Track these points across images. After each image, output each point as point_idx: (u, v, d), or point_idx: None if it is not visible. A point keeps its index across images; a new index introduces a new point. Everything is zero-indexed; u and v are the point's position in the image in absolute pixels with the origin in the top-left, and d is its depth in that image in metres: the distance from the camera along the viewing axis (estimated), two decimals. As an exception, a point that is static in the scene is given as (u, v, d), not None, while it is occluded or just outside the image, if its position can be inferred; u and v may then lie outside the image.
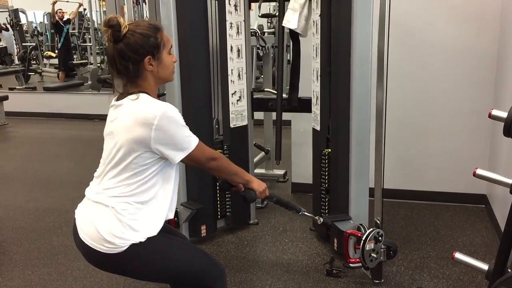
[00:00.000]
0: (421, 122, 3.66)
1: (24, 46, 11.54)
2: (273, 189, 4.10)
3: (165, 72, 1.71)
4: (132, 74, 1.64)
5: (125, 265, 1.65)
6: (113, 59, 1.63)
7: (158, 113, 1.57)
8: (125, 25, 1.61)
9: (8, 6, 12.06)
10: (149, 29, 1.65)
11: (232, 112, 3.12)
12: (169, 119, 1.59)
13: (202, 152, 1.71)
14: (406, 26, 3.52)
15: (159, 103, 1.62)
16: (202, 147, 1.71)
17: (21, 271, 2.82)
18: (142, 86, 1.67)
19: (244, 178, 1.89)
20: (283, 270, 2.77)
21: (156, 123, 1.57)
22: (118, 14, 3.91)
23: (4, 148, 6.11)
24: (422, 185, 3.74)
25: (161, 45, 1.67)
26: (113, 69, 1.66)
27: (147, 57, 1.63)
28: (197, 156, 1.69)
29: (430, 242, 3.08)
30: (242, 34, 3.07)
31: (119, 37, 1.60)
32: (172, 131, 1.60)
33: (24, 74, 10.27)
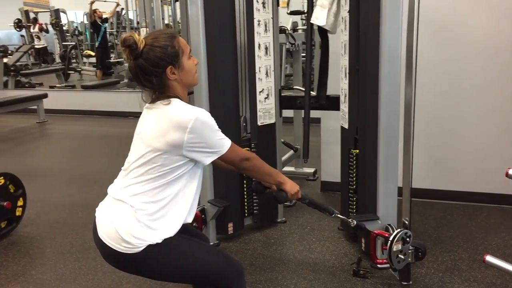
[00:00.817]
0: (454, 120, 3.56)
1: (65, 45, 11.91)
2: (302, 188, 3.99)
3: (189, 77, 1.74)
4: (158, 86, 1.68)
5: (141, 265, 1.67)
6: (136, 75, 1.68)
7: (193, 117, 1.60)
8: (141, 40, 1.64)
9: (49, 6, 12.46)
10: (165, 39, 1.67)
11: (259, 110, 3.11)
12: (202, 123, 1.62)
13: (235, 153, 1.75)
14: (439, 22, 3.43)
15: (192, 108, 1.66)
16: (235, 149, 1.75)
17: (53, 264, 2.90)
18: (171, 94, 1.70)
19: (277, 180, 1.91)
20: (309, 269, 2.75)
21: (190, 127, 1.60)
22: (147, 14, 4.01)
23: (43, 144, 6.31)
24: (455, 185, 3.63)
25: (180, 52, 1.68)
26: (139, 84, 1.70)
27: (169, 68, 1.66)
28: (230, 157, 1.74)
29: (462, 244, 2.99)
30: (270, 32, 3.06)
31: (138, 54, 1.63)
32: (205, 134, 1.64)
33: (64, 73, 10.60)
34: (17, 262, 2.94)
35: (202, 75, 2.86)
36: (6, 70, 8.78)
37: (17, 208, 3.30)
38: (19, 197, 3.32)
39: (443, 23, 3.43)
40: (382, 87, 2.54)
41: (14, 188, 3.31)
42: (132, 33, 1.66)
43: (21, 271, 2.84)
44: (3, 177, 3.20)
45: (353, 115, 2.85)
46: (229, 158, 1.73)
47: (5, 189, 3.22)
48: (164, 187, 1.66)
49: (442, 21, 3.42)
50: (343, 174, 3.08)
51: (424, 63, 3.46)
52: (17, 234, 3.32)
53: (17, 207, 3.31)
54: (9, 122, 7.36)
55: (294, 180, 1.99)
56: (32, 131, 7.00)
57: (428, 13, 3.44)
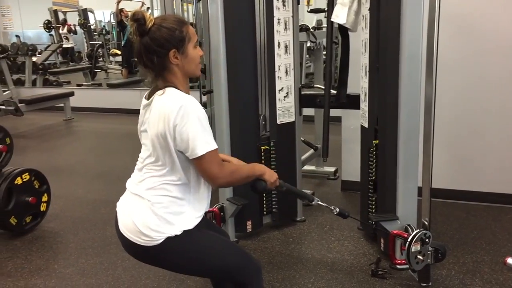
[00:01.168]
0: (477, 119, 3.49)
1: (92, 44, 12.12)
2: (323, 187, 4.06)
3: (191, 66, 1.70)
4: (158, 67, 1.65)
5: (161, 257, 1.69)
6: (139, 53, 1.65)
7: (176, 107, 1.57)
8: (151, 19, 1.63)
9: (78, 6, 12.69)
10: (175, 23, 1.66)
11: (279, 108, 3.11)
12: (186, 112, 1.57)
13: (210, 161, 1.61)
14: (462, 18, 3.37)
15: (180, 97, 1.61)
16: (212, 157, 1.61)
17: (76, 259, 2.96)
18: (169, 80, 1.67)
19: (256, 174, 1.80)
20: (327, 268, 2.74)
21: (175, 115, 1.57)
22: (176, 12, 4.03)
23: (68, 141, 6.44)
24: (479, 186, 3.56)
25: (186, 38, 1.66)
26: (140, 63, 1.68)
27: (172, 51, 1.63)
28: (203, 165, 1.61)
29: (485, 245, 2.93)
30: (290, 30, 3.05)
31: (144, 31, 1.62)
32: (187, 124, 1.57)
33: (91, 71, 10.77)
34: (40, 256, 3.01)
35: (222, 73, 2.88)
36: (35, 68, 8.98)
37: (41, 204, 3.38)
38: (43, 192, 3.40)
39: (466, 19, 3.36)
40: (402, 85, 2.51)
41: (39, 184, 3.39)
42: (143, 11, 1.66)
43: (44, 265, 2.91)
44: (28, 173, 3.28)
45: (373, 114, 2.83)
46: (203, 165, 1.62)
47: (30, 184, 3.30)
48: (177, 180, 1.66)
49: (465, 17, 3.36)
50: (362, 173, 3.06)
51: (446, 60, 3.42)
52: (41, 229, 3.40)
53: (42, 203, 3.39)
54: (36, 120, 7.53)
55: (314, 179, 1.96)
56: (59, 128, 7.15)
57: (451, 9, 3.38)
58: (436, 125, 3.49)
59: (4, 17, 14.34)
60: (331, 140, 3.65)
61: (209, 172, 1.63)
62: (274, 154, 3.13)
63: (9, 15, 14.32)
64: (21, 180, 3.22)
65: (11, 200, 3.17)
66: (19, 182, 3.21)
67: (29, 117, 7.43)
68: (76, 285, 2.67)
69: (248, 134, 3.03)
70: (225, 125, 2.94)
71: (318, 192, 3.91)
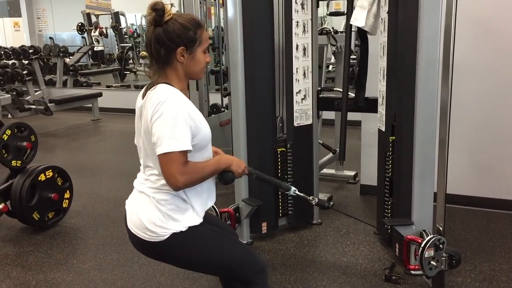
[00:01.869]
0: (501, 124, 3.41)
1: (122, 47, 12.36)
2: (342, 191, 4.04)
3: (195, 68, 1.71)
4: (163, 60, 1.67)
5: (167, 253, 1.72)
6: (149, 42, 1.67)
7: (156, 102, 1.58)
8: (170, 12, 1.65)
9: (110, 9, 12.98)
10: (191, 22, 1.68)
11: (296, 110, 3.11)
12: (162, 107, 1.57)
13: (172, 161, 1.57)
14: (486, 23, 3.32)
15: (163, 93, 1.60)
16: (175, 158, 1.56)
17: (94, 255, 3.03)
18: (169, 76, 1.68)
19: (222, 168, 1.75)
20: (340, 272, 2.73)
21: (154, 109, 1.58)
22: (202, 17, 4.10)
23: (95, 141, 6.59)
24: (502, 193, 3.48)
25: (198, 41, 1.68)
26: (148, 52, 1.70)
27: (181, 48, 1.65)
28: (164, 163, 1.58)
29: (504, 254, 2.87)
30: (308, 33, 3.06)
31: (160, 22, 1.63)
32: (161, 119, 1.57)
33: (120, 73, 10.98)
34: (60, 251, 3.09)
35: (239, 75, 2.90)
36: (66, 70, 9.21)
37: (64, 200, 3.48)
38: (66, 189, 3.50)
39: (490, 24, 3.30)
40: (419, 89, 2.49)
41: (62, 181, 3.48)
42: (165, 3, 1.67)
43: (64, 260, 2.99)
44: (52, 170, 3.38)
45: (390, 117, 2.80)
46: (163, 163, 1.59)
47: (53, 181, 3.39)
48: None
49: (489, 22, 3.30)
50: (379, 178, 3.03)
51: (470, 64, 3.39)
52: (63, 224, 3.49)
53: (64, 199, 3.48)
54: (65, 119, 7.74)
55: (334, 183, 1.95)
56: (87, 128, 7.32)
57: (476, 12, 3.34)
58: (458, 131, 3.47)
59: (40, 20, 14.76)
60: (352, 144, 3.64)
61: (168, 172, 1.58)
62: (290, 156, 3.14)
63: (44, 18, 14.74)
64: (45, 177, 3.32)
65: (35, 196, 3.27)
66: (43, 178, 3.31)
67: (59, 117, 7.64)
68: (92, 280, 2.73)
69: (264, 135, 3.05)
70: (242, 126, 2.96)
71: (336, 196, 3.90)
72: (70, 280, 2.74)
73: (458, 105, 3.40)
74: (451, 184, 3.45)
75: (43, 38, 14.43)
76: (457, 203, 3.55)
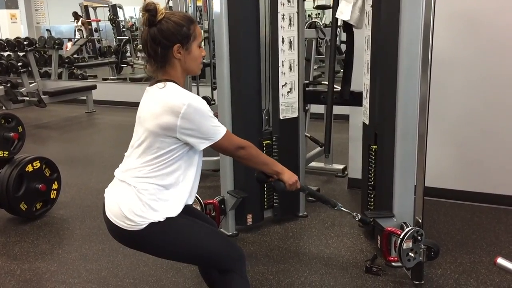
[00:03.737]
0: (486, 120, 3.43)
1: (120, 39, 12.34)
2: (330, 184, 4.07)
3: (192, 64, 1.78)
4: (160, 59, 1.72)
5: (144, 242, 1.75)
6: (145, 42, 1.73)
7: (186, 103, 1.65)
8: (162, 12, 1.70)
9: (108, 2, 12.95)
10: (183, 19, 1.73)
11: (282, 103, 3.13)
12: (195, 109, 1.67)
13: (229, 141, 1.78)
14: (472, 18, 3.33)
15: (186, 93, 1.71)
16: (229, 137, 1.78)
17: (79, 245, 3.06)
18: (170, 74, 1.75)
19: (274, 169, 1.93)
20: (322, 263, 2.76)
21: (183, 112, 1.65)
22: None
23: (89, 133, 6.60)
24: (487, 187, 3.50)
25: (192, 36, 1.74)
26: (145, 52, 1.75)
27: (177, 45, 1.71)
28: (224, 145, 1.77)
29: (485, 247, 2.89)
30: (294, 26, 3.07)
31: (154, 22, 1.69)
32: (197, 121, 1.68)
33: (117, 66, 10.98)
34: (46, 242, 3.12)
35: (225, 67, 2.92)
36: (61, 62, 9.21)
37: (51, 191, 3.50)
38: (54, 180, 3.52)
39: (476, 19, 3.31)
40: (400, 83, 2.51)
41: (50, 172, 3.50)
42: (156, 3, 1.72)
43: (49, 250, 3.01)
44: (39, 161, 3.39)
45: (373, 111, 2.82)
46: (224, 146, 1.77)
47: (41, 172, 3.41)
48: (164, 169, 1.72)
49: (475, 17, 3.31)
50: (363, 171, 3.05)
51: (456, 58, 3.41)
52: (51, 215, 3.52)
53: (52, 190, 3.50)
54: (59, 111, 7.74)
55: (322, 176, 2.01)
56: (80, 120, 7.33)
57: (461, 8, 3.35)
58: (445, 126, 3.50)
59: (38, 12, 14.75)
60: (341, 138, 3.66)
61: (234, 145, 1.79)
62: (276, 149, 3.16)
63: (42, 10, 14.73)
64: (32, 168, 3.34)
65: (22, 187, 3.29)
66: (30, 169, 3.33)
67: (53, 109, 7.65)
68: (77, 269, 2.76)
69: (250, 128, 3.06)
70: (227, 119, 2.98)
71: (324, 189, 3.92)
72: (55, 269, 2.77)
73: (445, 100, 3.44)
74: (437, 178, 3.51)
75: (40, 30, 14.41)
76: (443, 197, 3.58)
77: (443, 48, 3.30)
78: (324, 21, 7.14)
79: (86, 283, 2.61)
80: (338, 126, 4.57)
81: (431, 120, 2.41)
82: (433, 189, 3.46)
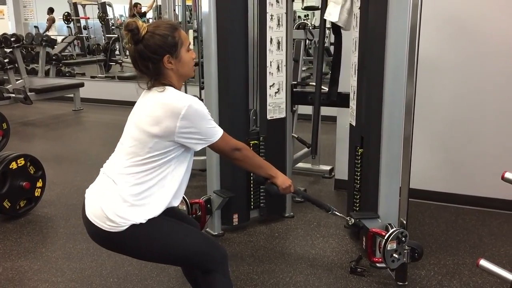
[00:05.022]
0: (472, 123, 3.47)
1: (108, 37, 12.26)
2: (317, 185, 4.08)
3: (185, 69, 1.79)
4: (153, 73, 1.74)
5: (125, 244, 1.73)
6: (134, 60, 1.74)
7: (186, 105, 1.66)
8: (144, 27, 1.71)
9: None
10: (167, 29, 1.74)
11: (269, 104, 3.13)
12: (195, 111, 1.68)
13: (226, 142, 1.81)
14: (459, 22, 3.37)
15: (186, 96, 1.73)
16: (226, 138, 1.81)
17: (63, 244, 3.03)
18: (167, 82, 1.76)
19: (268, 173, 1.95)
20: (308, 264, 2.76)
21: (183, 114, 1.66)
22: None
23: (75, 131, 6.54)
24: (472, 190, 3.54)
25: (179, 43, 1.75)
26: (136, 69, 1.77)
27: (166, 56, 1.72)
28: (221, 146, 1.80)
29: (469, 248, 2.92)
30: (283, 27, 3.08)
31: (138, 39, 1.70)
32: (197, 122, 1.70)
33: (106, 64, 10.90)
34: (30, 240, 3.09)
35: (212, 67, 2.91)
36: (48, 59, 9.12)
37: (36, 189, 3.46)
38: (38, 178, 3.48)
39: (464, 23, 3.35)
40: (386, 85, 2.52)
41: (34, 170, 3.47)
42: (136, 19, 1.73)
43: (32, 248, 2.98)
44: (24, 158, 3.36)
45: (360, 112, 2.84)
46: (220, 146, 1.80)
47: (25, 170, 3.38)
48: (152, 170, 1.71)
49: (463, 21, 3.35)
50: (350, 172, 3.07)
51: (443, 63, 3.43)
52: (35, 213, 3.48)
53: (36, 188, 3.47)
54: (46, 109, 7.68)
55: (309, 177, 2.02)
56: (67, 118, 7.27)
57: (449, 13, 3.39)
58: (431, 129, 3.52)
59: (26, 8, 14.59)
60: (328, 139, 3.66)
61: (230, 146, 1.82)
62: (263, 149, 3.16)
63: (30, 6, 14.57)
64: (16, 165, 3.30)
65: (5, 184, 3.25)
66: (14, 166, 3.29)
67: (40, 106, 7.58)
68: (60, 268, 2.73)
69: (237, 128, 3.05)
70: (214, 118, 2.94)
71: (311, 190, 3.93)
72: (37, 268, 2.74)
73: (431, 103, 3.47)
74: (423, 180, 3.54)
75: (28, 27, 14.26)
76: (428, 199, 3.61)
77: (430, 52, 3.34)
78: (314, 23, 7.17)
79: (69, 282, 2.59)
80: (325, 128, 4.58)
81: (417, 122, 2.43)
82: (418, 191, 3.49)
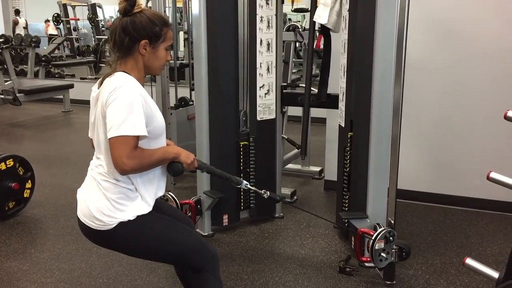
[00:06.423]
0: (460, 124, 3.51)
1: (98, 39, 12.22)
2: (307, 186, 4.10)
3: (155, 63, 1.75)
4: (125, 49, 1.69)
5: (115, 241, 1.74)
6: (115, 30, 1.70)
7: (112, 87, 1.61)
8: (140, 6, 1.69)
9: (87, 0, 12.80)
10: (158, 19, 1.73)
11: (259, 105, 3.15)
12: (118, 93, 1.59)
13: (124, 144, 1.57)
14: (447, 25, 3.41)
15: (120, 80, 1.63)
16: (128, 142, 1.57)
17: (53, 245, 3.02)
18: (129, 66, 1.71)
19: (170, 157, 1.76)
20: (297, 264, 2.78)
21: (107, 96, 1.60)
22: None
23: (65, 132, 6.52)
24: (458, 190, 3.58)
25: (162, 37, 1.73)
26: (110, 40, 1.72)
27: (144, 40, 1.69)
28: (115, 145, 1.57)
29: (456, 248, 2.96)
30: (272, 28, 3.10)
31: (129, 11, 1.68)
32: (113, 106, 1.58)
33: (95, 65, 10.86)
34: (19, 241, 3.07)
35: (202, 68, 2.93)
36: (38, 60, 9.07)
37: (25, 190, 3.45)
38: (27, 179, 3.47)
39: (452, 26, 3.39)
40: (375, 87, 2.55)
41: (23, 171, 3.45)
42: None
43: (22, 249, 2.97)
44: (12, 159, 3.34)
45: (348, 113, 2.87)
46: (114, 146, 1.57)
47: (14, 171, 3.36)
48: None
49: (451, 24, 3.39)
50: (339, 173, 3.09)
51: (432, 65, 3.48)
52: (24, 214, 3.47)
53: (25, 189, 3.45)
54: (36, 110, 7.63)
55: (299, 178, 2.00)
56: (57, 119, 7.23)
57: (437, 15, 3.43)
58: (419, 130, 3.56)
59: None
60: (318, 141, 3.68)
61: (117, 155, 1.57)
62: (253, 150, 3.18)
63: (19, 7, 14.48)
64: (5, 166, 3.29)
65: (-6, 185, 3.24)
66: (3, 167, 3.27)
67: (29, 107, 7.54)
68: (49, 269, 2.72)
69: (227, 129, 3.08)
70: (204, 119, 2.99)
71: (300, 191, 3.95)
72: (27, 269, 2.73)
73: (419, 105, 3.51)
74: (411, 181, 3.58)
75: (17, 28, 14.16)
76: (416, 199, 3.65)
77: (418, 54, 3.38)
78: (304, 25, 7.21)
79: (58, 283, 2.58)
80: (315, 129, 4.62)
81: (405, 123, 2.46)
82: (406, 192, 3.53)
